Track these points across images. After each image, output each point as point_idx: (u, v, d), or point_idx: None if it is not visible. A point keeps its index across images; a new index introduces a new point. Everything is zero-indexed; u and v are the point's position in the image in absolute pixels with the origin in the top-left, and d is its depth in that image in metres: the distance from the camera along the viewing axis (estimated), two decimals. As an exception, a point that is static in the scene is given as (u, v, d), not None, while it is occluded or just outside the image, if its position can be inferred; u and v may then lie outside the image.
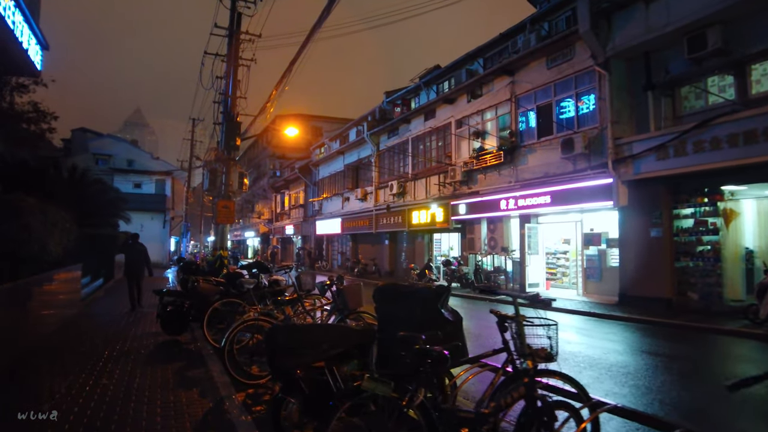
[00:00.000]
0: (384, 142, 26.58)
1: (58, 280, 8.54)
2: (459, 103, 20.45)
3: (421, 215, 22.35)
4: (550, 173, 15.90)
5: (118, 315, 10.50)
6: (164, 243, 34.91)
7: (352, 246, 31.98)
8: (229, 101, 18.83)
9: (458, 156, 20.37)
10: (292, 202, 43.53)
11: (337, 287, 6.01)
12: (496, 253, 18.47)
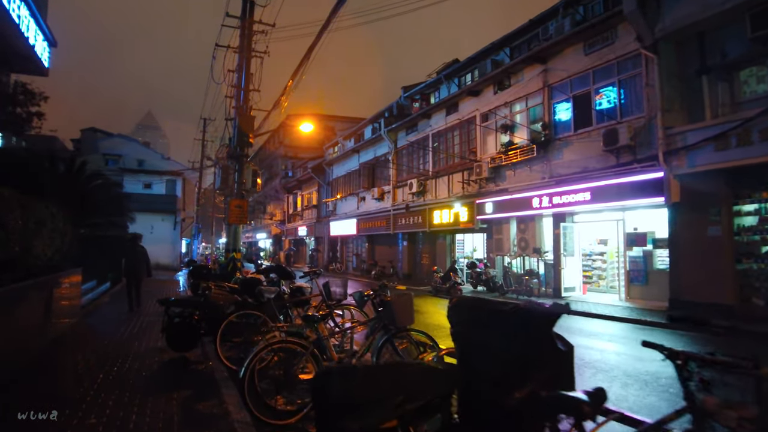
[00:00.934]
0: (402, 138, 25.41)
1: (50, 288, 7.48)
2: (485, 95, 19.23)
3: (443, 215, 21.16)
4: (589, 168, 14.64)
5: (121, 324, 9.43)
6: (175, 245, 34.00)
7: (368, 247, 30.85)
8: (241, 94, 17.81)
9: (484, 152, 19.15)
10: (305, 203, 42.52)
11: (382, 299, 4.86)
12: (526, 254, 17.23)
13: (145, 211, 30.44)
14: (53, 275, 7.36)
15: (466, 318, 2.93)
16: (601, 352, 8.20)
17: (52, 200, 7.05)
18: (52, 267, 8.05)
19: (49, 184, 7.52)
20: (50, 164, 8.69)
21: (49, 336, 7.45)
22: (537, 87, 16.62)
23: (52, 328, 7.51)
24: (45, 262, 7.06)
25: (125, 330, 8.90)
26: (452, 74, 22.93)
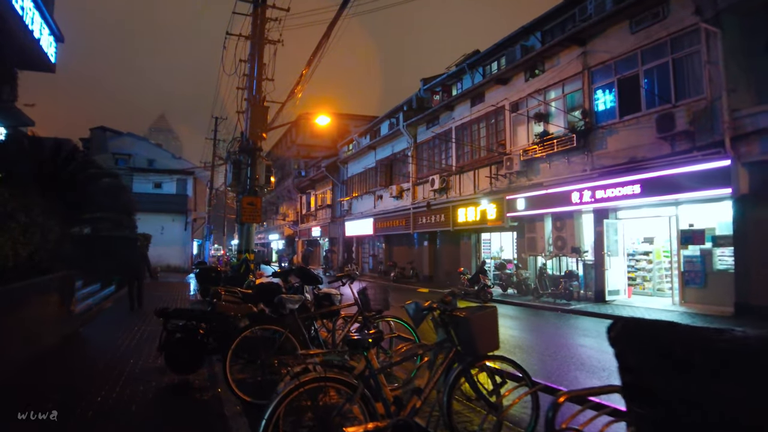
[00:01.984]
0: (422, 133, 24.08)
1: (28, 296, 6.28)
2: (514, 83, 17.84)
3: (468, 213, 19.79)
4: (637, 158, 13.20)
5: (119, 335, 8.21)
6: (186, 246, 32.95)
7: (386, 248, 29.55)
8: (254, 84, 16.60)
9: (514, 144, 17.76)
10: (319, 203, 41.36)
11: (451, 314, 3.52)
12: (563, 254, 15.80)
13: (155, 211, 29.45)
14: (28, 282, 6.14)
15: (649, 351, 1.62)
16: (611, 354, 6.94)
17: (29, 190, 5.86)
18: (36, 270, 6.86)
19: (25, 171, 6.34)
20: (29, 148, 7.49)
21: (30, 353, 6.24)
22: (575, 71, 15.20)
23: (33, 345, 6.30)
24: (24, 264, 5.85)
25: (122, 342, 7.67)
26: (476, 63, 21.56)
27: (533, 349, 8.85)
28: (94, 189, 8.43)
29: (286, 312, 4.73)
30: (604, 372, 6.71)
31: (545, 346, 9.30)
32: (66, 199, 7.43)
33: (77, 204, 7.89)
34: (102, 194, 8.61)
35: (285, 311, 4.74)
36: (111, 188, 8.88)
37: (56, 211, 6.78)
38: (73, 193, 7.68)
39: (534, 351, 8.65)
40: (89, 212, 8.43)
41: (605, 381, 6.36)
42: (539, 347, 9.10)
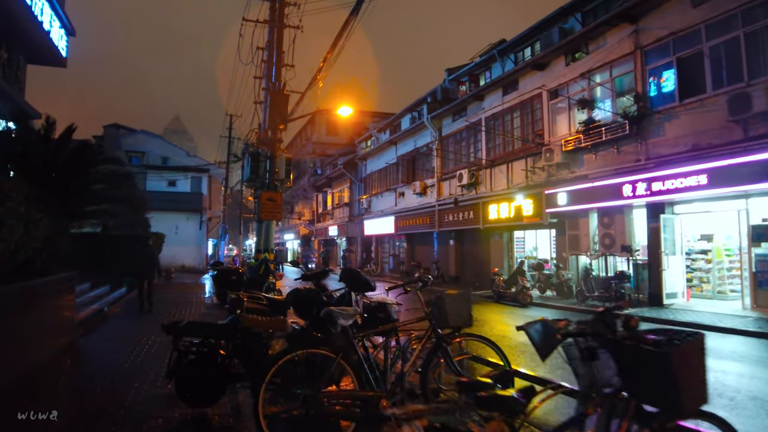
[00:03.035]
0: (448, 125, 22.76)
1: (17, 302, 5.14)
2: (553, 68, 16.46)
3: (501, 209, 18.44)
4: (702, 144, 11.77)
5: (125, 347, 7.04)
6: (201, 246, 31.98)
7: (408, 247, 28.28)
8: (273, 71, 15.44)
9: (553, 134, 16.38)
10: (336, 201, 40.21)
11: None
12: (611, 253, 14.40)
13: (169, 210, 28.52)
14: (19, 284, 5.00)
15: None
16: (725, 373, 6.48)
17: (4, 174, 4.74)
18: (25, 272, 5.72)
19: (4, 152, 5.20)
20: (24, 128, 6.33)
21: (18, 371, 5.09)
22: (625, 52, 13.79)
23: (12, 363, 5.14)
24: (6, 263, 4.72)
25: (127, 358, 6.50)
26: (507, 50, 20.20)
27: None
28: (97, 177, 7.30)
29: (336, 330, 3.50)
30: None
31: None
32: (62, 189, 6.31)
33: (76, 194, 6.75)
34: (107, 183, 7.48)
35: (335, 329, 3.50)
36: (117, 176, 7.74)
37: (47, 201, 5.66)
38: (71, 181, 6.55)
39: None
40: (92, 204, 7.28)
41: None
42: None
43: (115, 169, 7.53)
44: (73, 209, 6.80)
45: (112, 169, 7.57)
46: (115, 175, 7.35)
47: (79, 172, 6.79)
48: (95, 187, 7.29)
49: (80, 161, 6.67)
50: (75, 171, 6.61)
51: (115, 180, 7.41)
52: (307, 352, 3.43)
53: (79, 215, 7.02)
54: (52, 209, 5.80)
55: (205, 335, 4.38)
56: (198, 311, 12.08)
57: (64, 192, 6.36)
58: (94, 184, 7.27)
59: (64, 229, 6.42)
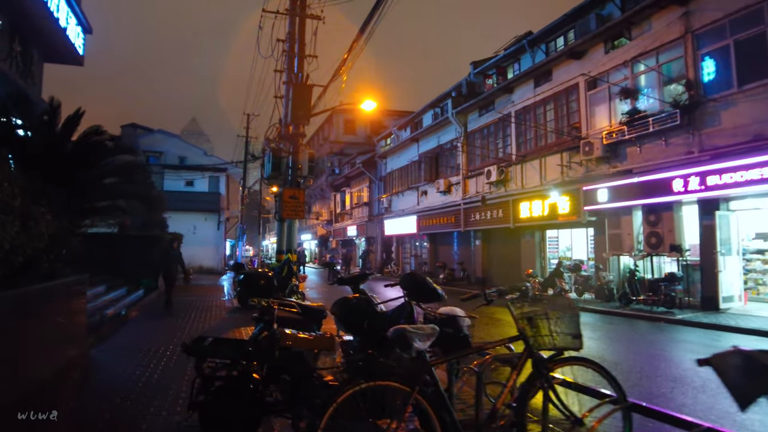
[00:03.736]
0: (474, 120, 21.83)
1: (13, 310, 4.41)
2: (591, 57, 15.46)
3: (533, 207, 17.47)
4: (766, 134, 10.74)
5: (141, 361, 6.30)
6: (219, 246, 31.42)
7: (431, 247, 27.41)
8: (295, 62, 14.70)
9: (591, 126, 15.39)
10: (355, 201, 39.47)
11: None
12: (658, 253, 13.38)
13: (187, 210, 27.99)
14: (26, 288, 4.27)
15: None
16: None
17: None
18: (26, 276, 5.00)
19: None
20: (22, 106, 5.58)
21: (12, 391, 4.35)
22: (674, 36, 12.78)
23: (13, 384, 4.40)
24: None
25: (143, 373, 5.74)
26: (538, 39, 19.20)
27: (633, 368, 7.01)
28: (110, 169, 6.53)
29: (410, 354, 2.67)
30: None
31: (648, 363, 7.30)
32: (69, 182, 5.58)
33: (86, 188, 6.01)
34: (121, 176, 6.71)
35: (408, 353, 2.67)
36: (132, 169, 6.93)
37: (52, 195, 4.95)
38: (80, 173, 5.82)
39: (634, 370, 6.85)
40: (104, 199, 6.51)
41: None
42: (640, 364, 7.25)
43: (130, 160, 6.77)
44: (84, 205, 6.07)
45: (126, 161, 6.79)
46: (129, 168, 6.58)
47: (89, 163, 6.04)
48: (108, 180, 6.54)
49: (90, 150, 5.92)
50: (84, 161, 5.88)
51: (130, 173, 6.63)
52: (373, 385, 2.61)
53: (90, 212, 6.28)
54: (58, 204, 5.08)
55: (234, 357, 3.58)
56: (218, 315, 11.36)
57: (72, 185, 5.63)
58: (106, 176, 6.51)
59: (73, 228, 5.69)
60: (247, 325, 9.74)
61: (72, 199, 5.57)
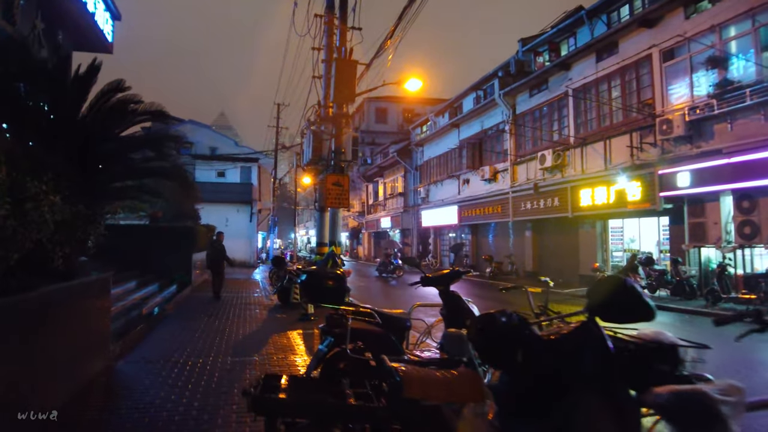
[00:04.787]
0: (524, 102, 20.20)
1: (13, 323, 3.25)
2: (668, 24, 13.71)
3: (596, 194, 15.84)
4: None
5: (175, 381, 5.11)
6: (251, 239, 30.54)
7: (473, 239, 25.91)
8: (337, 34, 13.39)
9: (667, 102, 13.67)
10: (389, 192, 38.16)
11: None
12: (753, 244, 11.66)
13: (219, 201, 27.13)
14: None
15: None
16: None
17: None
18: (38, 274, 3.84)
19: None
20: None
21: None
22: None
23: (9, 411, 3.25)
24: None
25: (179, 401, 4.54)
26: (598, 9, 17.45)
27: None
28: (135, 141, 5.25)
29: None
30: None
31: None
32: (82, 153, 4.38)
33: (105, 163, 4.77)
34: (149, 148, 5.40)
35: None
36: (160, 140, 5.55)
37: (60, 170, 3.77)
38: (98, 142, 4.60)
39: None
40: (127, 177, 5.26)
41: None
42: None
43: (160, 130, 5.52)
44: (103, 185, 4.86)
45: (154, 132, 5.51)
46: (160, 139, 5.34)
47: (108, 130, 4.81)
48: (133, 155, 5.31)
49: (109, 114, 4.71)
50: (102, 127, 4.66)
51: (160, 145, 5.37)
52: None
53: (110, 194, 5.10)
54: (69, 183, 3.91)
55: (329, 418, 2.28)
56: (259, 315, 10.21)
57: (86, 159, 4.44)
58: (130, 149, 5.28)
59: (91, 214, 4.52)
60: (295, 327, 8.55)
61: (87, 176, 4.40)
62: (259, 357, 6.17)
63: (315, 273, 4.30)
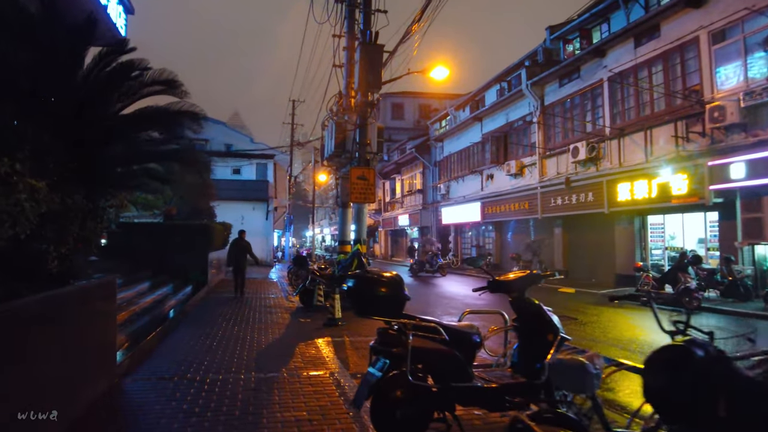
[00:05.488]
0: (553, 92, 19.19)
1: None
2: (716, 3, 12.65)
3: (635, 188, 14.81)
4: None
5: (192, 407, 4.30)
6: (268, 237, 29.87)
7: (497, 237, 24.94)
8: (361, 18, 12.56)
9: (716, 89, 12.62)
10: (406, 189, 37.27)
11: None
12: (819, 242, 10.61)
13: (235, 199, 26.49)
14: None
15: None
16: None
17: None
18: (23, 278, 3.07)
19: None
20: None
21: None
22: None
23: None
24: None
25: (195, 430, 3.75)
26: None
27: None
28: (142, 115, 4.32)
29: None
30: None
31: None
32: (72, 127, 3.55)
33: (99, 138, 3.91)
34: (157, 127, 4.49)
35: None
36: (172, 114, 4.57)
37: (40, 143, 2.98)
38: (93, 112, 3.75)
39: None
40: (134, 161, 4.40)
41: None
42: None
43: (172, 104, 4.57)
44: (106, 171, 4.03)
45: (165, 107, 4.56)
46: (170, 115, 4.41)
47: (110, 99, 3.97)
48: (138, 134, 4.44)
49: (108, 81, 3.87)
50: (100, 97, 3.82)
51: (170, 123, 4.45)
52: None
53: (113, 181, 4.28)
54: (59, 165, 3.12)
55: None
56: (281, 319, 9.43)
57: (83, 135, 3.63)
58: (134, 126, 4.39)
59: (89, 205, 3.74)
60: (322, 334, 7.74)
61: (84, 159, 3.60)
62: (287, 372, 5.36)
63: (365, 277, 3.44)
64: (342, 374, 5.31)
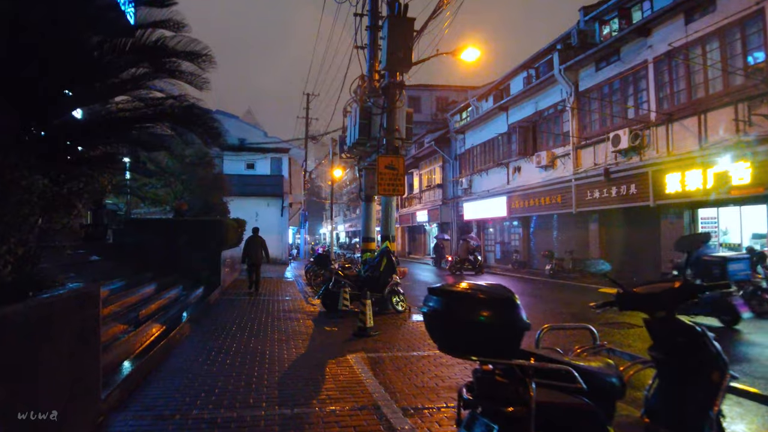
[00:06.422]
0: (589, 77, 17.80)
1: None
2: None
3: (687, 178, 13.44)
4: None
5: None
6: (283, 234, 28.82)
7: (524, 233, 23.60)
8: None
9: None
10: (425, 184, 36.02)
11: None
12: None
13: (249, 194, 25.48)
14: None
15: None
16: None
17: None
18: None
19: None
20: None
21: None
22: None
23: None
24: None
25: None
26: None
27: None
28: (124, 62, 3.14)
29: None
30: None
31: None
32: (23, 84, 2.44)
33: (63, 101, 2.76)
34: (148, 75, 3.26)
35: None
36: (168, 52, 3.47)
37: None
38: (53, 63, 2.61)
39: None
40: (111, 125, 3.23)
41: None
42: None
43: (170, 37, 3.28)
44: (72, 138, 2.86)
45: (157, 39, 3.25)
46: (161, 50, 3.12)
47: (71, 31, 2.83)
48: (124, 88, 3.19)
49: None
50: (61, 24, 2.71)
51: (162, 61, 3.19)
52: None
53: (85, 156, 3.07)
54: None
55: None
56: (303, 327, 8.30)
57: (35, 88, 2.53)
58: (115, 74, 3.17)
59: (60, 192, 2.64)
60: (354, 348, 6.58)
61: (40, 123, 2.50)
62: (319, 405, 4.20)
63: (458, 294, 2.19)
64: (389, 408, 4.14)
